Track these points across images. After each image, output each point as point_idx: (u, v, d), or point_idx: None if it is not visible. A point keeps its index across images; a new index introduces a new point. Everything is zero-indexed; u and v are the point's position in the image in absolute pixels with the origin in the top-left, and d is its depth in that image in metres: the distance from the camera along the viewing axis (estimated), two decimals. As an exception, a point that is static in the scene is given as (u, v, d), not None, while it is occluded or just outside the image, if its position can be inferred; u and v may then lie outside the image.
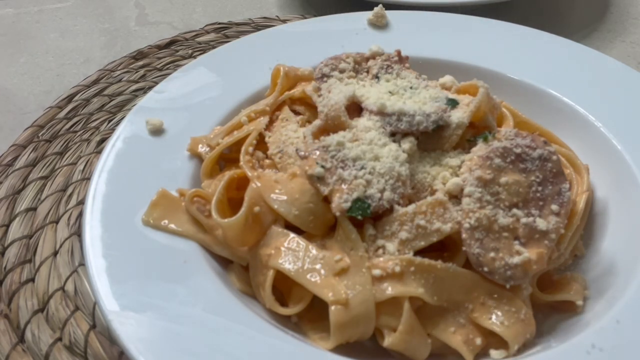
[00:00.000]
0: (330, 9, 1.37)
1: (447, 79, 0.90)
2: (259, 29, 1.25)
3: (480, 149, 0.73)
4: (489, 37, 1.04)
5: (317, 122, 0.80)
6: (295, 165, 0.77)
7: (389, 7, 1.19)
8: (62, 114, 1.09)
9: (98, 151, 1.00)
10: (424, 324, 0.67)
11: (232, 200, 0.77)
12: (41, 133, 1.05)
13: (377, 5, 1.08)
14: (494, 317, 0.67)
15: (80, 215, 0.89)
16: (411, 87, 0.82)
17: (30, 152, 1.01)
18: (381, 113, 0.76)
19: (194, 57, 1.18)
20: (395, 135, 0.75)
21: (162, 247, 0.72)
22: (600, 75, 0.96)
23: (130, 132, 0.86)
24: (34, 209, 0.91)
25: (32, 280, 0.82)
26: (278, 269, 0.69)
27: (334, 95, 0.80)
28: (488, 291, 0.68)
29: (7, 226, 0.89)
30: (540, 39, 1.04)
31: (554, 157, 0.72)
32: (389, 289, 0.66)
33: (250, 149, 0.81)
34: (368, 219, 0.70)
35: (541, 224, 0.68)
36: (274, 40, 1.05)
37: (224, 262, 0.75)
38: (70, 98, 1.13)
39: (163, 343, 0.63)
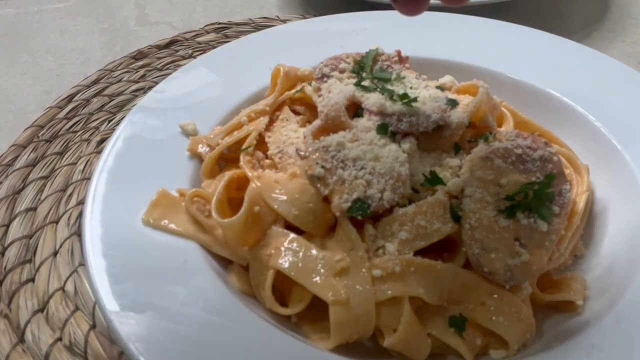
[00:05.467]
0: (330, 9, 1.37)
1: (447, 79, 0.90)
2: (259, 29, 1.25)
3: (480, 149, 0.73)
4: (489, 37, 1.05)
5: (317, 122, 0.80)
6: (295, 165, 0.77)
7: (389, 7, 1.19)
8: (62, 114, 1.09)
9: (98, 151, 1.00)
10: (424, 324, 0.68)
11: (232, 200, 0.77)
12: (41, 133, 1.05)
13: (377, 5, 1.08)
14: (494, 317, 0.66)
15: (80, 215, 0.89)
16: (411, 87, 0.82)
17: (30, 152, 1.01)
18: (381, 113, 0.76)
19: (194, 57, 1.18)
20: (396, 136, 0.75)
21: (162, 247, 0.72)
22: (600, 75, 0.96)
23: (130, 132, 0.86)
24: (34, 209, 0.91)
25: (32, 280, 0.82)
26: (278, 269, 0.69)
27: (334, 95, 0.80)
28: (488, 291, 0.68)
29: (7, 226, 0.89)
30: (540, 39, 1.04)
31: (555, 158, 0.72)
32: (389, 289, 0.66)
33: (250, 149, 0.81)
34: (368, 219, 0.70)
35: (541, 225, 0.68)
36: (274, 40, 1.05)
37: (224, 262, 0.75)
38: (70, 98, 1.13)
39: (163, 343, 0.63)
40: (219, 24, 1.33)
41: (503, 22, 1.08)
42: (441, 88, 0.84)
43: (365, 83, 0.82)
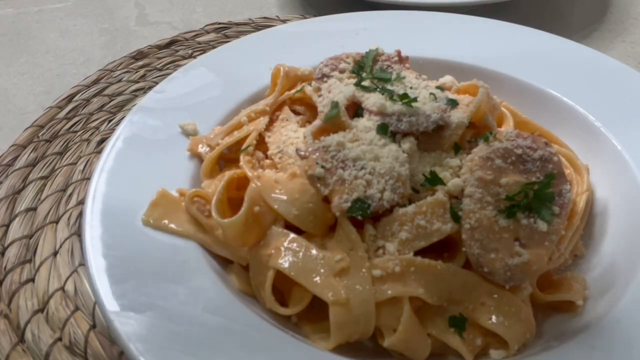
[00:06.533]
0: (330, 9, 1.37)
1: (447, 79, 0.90)
2: (259, 29, 1.25)
3: (481, 149, 0.73)
4: (489, 37, 1.04)
5: (317, 122, 0.80)
6: (295, 165, 0.77)
7: (389, 7, 1.19)
8: (62, 114, 1.09)
9: (98, 151, 1.00)
10: (424, 324, 0.68)
11: (232, 200, 0.77)
12: (41, 133, 1.05)
13: (377, 5, 1.08)
14: (494, 317, 0.66)
15: (80, 215, 0.89)
16: (411, 87, 0.82)
17: (30, 152, 1.01)
18: (381, 113, 0.76)
19: (194, 57, 1.18)
20: (395, 136, 0.75)
21: (162, 247, 0.72)
22: (600, 75, 0.96)
23: (130, 132, 0.86)
24: (34, 209, 0.91)
25: (32, 280, 0.81)
26: (278, 269, 0.69)
27: (334, 95, 0.80)
28: (488, 291, 0.68)
29: (7, 226, 0.89)
30: (540, 39, 1.04)
31: (555, 159, 0.72)
32: (389, 289, 0.66)
33: (250, 149, 0.81)
34: (368, 219, 0.70)
35: (541, 225, 0.68)
36: (274, 40, 1.05)
37: (224, 262, 0.75)
38: (70, 98, 1.13)
39: (163, 343, 0.63)
40: (219, 24, 1.33)
41: (503, 22, 1.08)
42: (441, 88, 0.84)
43: (365, 83, 0.82)
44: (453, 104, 0.79)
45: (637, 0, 1.45)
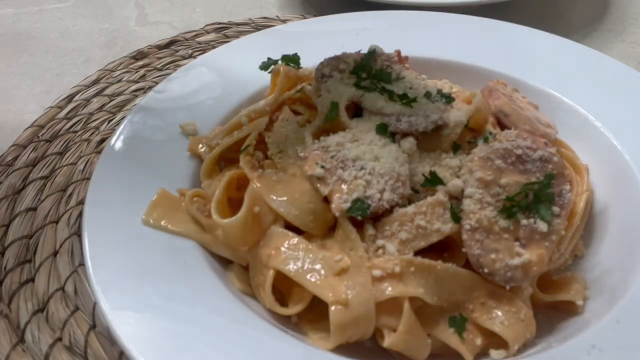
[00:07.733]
0: (330, 9, 1.37)
1: (443, 83, 0.90)
2: (259, 29, 1.25)
3: (480, 150, 0.73)
4: (489, 37, 1.04)
5: (317, 122, 0.80)
6: (295, 165, 0.77)
7: (389, 7, 1.19)
8: (62, 114, 1.09)
9: (98, 151, 1.00)
10: (424, 324, 0.67)
11: (232, 200, 0.77)
12: (41, 133, 1.05)
13: (377, 5, 1.08)
14: (494, 317, 0.67)
15: (80, 215, 0.89)
16: (411, 87, 0.82)
17: (30, 152, 1.01)
18: (381, 113, 0.76)
19: (194, 57, 1.18)
20: (395, 136, 0.75)
21: (162, 247, 0.72)
22: (600, 75, 0.96)
23: (130, 132, 0.86)
24: (34, 209, 0.91)
25: (32, 280, 0.81)
26: (278, 269, 0.69)
27: (333, 95, 0.80)
28: (488, 291, 0.68)
29: (7, 226, 0.89)
30: (540, 39, 1.04)
31: (555, 159, 0.72)
32: (389, 289, 0.66)
33: (250, 149, 0.81)
34: (368, 219, 0.70)
35: (541, 225, 0.68)
36: (274, 40, 1.05)
37: (224, 262, 0.75)
38: (70, 98, 1.13)
39: (163, 343, 0.63)
40: (219, 24, 1.33)
41: (503, 22, 1.08)
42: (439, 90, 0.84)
43: (365, 83, 0.82)
44: (450, 100, 0.79)
45: (637, 0, 1.45)
